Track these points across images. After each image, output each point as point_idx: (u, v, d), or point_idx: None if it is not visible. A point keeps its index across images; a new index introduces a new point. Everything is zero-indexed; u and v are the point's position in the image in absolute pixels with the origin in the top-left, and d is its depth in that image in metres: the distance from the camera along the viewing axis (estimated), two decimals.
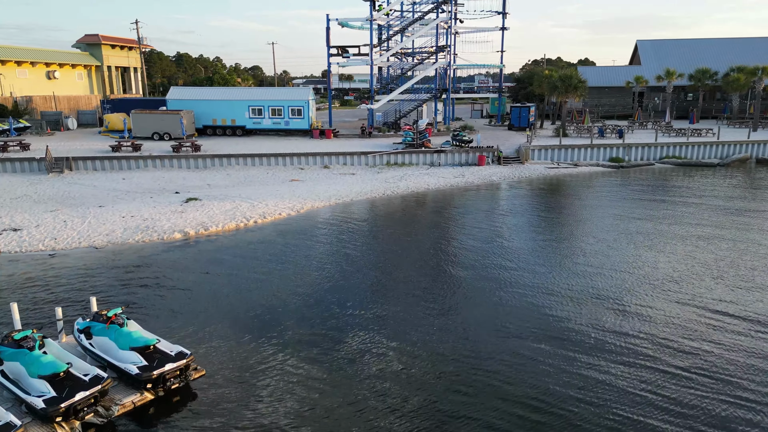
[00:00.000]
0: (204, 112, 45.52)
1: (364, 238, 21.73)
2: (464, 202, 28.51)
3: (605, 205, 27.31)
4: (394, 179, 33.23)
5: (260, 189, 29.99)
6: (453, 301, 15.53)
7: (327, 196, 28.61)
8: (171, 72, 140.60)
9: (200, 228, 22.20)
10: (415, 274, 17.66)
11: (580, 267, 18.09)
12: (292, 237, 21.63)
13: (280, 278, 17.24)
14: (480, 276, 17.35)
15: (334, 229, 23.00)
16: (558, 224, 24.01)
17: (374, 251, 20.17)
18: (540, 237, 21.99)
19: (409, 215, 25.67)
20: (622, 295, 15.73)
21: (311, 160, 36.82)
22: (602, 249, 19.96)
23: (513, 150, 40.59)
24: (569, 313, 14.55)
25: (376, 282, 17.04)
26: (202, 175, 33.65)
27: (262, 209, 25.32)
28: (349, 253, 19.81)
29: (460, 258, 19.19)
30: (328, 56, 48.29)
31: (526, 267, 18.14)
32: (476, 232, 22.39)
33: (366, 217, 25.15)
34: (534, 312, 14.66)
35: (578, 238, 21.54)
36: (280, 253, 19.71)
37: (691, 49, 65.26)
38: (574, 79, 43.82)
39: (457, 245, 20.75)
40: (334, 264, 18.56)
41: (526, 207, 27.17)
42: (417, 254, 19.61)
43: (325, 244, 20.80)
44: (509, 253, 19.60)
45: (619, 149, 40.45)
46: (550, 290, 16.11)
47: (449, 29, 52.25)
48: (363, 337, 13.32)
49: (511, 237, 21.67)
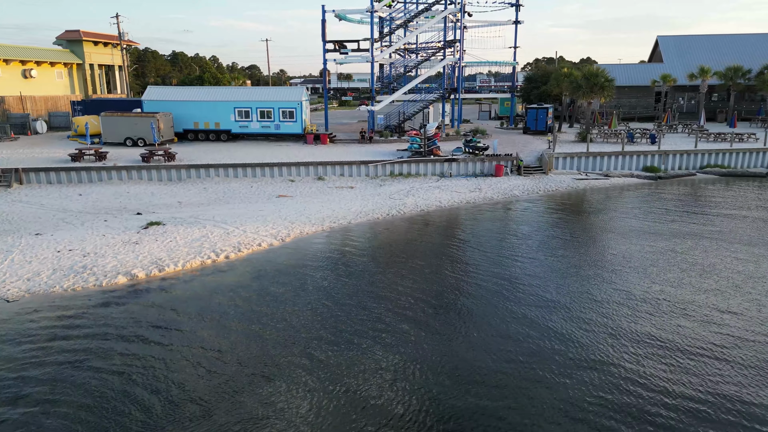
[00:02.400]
0: (184, 114, 40.52)
1: (366, 285, 16.74)
2: (485, 225, 23.54)
3: (658, 231, 22.35)
4: (400, 194, 28.26)
5: (240, 208, 25.01)
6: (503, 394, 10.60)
7: (320, 217, 23.65)
8: (166, 71, 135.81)
9: (153, 268, 17.20)
10: (441, 356, 12.71)
11: (648, 326, 13.16)
12: (271, 281, 16.64)
13: (249, 359, 12.27)
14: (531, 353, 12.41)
15: (328, 268, 18.01)
16: (608, 262, 19.03)
17: (382, 308, 15.19)
18: (588, 284, 17.01)
19: (421, 246, 20.68)
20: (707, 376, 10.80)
21: (303, 170, 31.85)
22: (670, 299, 15.03)
23: (534, 158, 35.65)
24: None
25: (391, 374, 12.09)
26: (175, 190, 28.66)
27: (238, 238, 20.34)
28: (346, 311, 14.85)
29: (497, 324, 14.25)
30: (323, 52, 43.30)
31: (582, 338, 13.20)
32: (508, 274, 17.42)
33: (367, 249, 20.15)
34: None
35: (637, 282, 16.59)
36: (252, 311, 14.73)
37: (716, 45, 60.39)
38: (600, 77, 38.89)
39: (488, 299, 15.78)
40: (327, 328, 13.61)
41: (561, 234, 22.20)
42: (437, 317, 14.65)
43: (315, 293, 15.83)
44: (556, 313, 14.66)
45: (654, 157, 35.53)
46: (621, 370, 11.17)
47: (457, 23, 47.26)
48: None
49: (553, 284, 16.69)
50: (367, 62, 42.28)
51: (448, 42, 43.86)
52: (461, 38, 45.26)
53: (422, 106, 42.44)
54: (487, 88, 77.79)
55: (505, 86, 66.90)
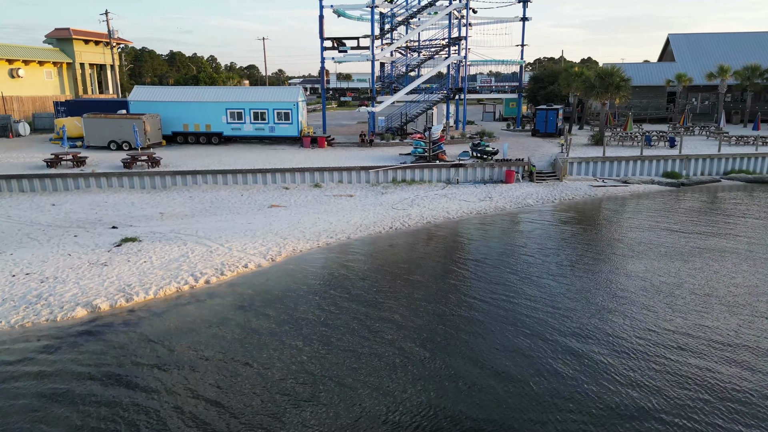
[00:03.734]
0: (173, 116, 38.10)
1: (367, 318, 14.34)
2: (499, 240, 21.14)
3: (692, 248, 19.95)
4: (404, 204, 25.87)
5: (227, 220, 22.61)
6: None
7: (316, 232, 21.24)
8: (163, 71, 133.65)
9: (120, 297, 14.78)
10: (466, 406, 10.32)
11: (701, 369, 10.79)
12: (256, 313, 14.23)
13: (226, 419, 9.87)
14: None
15: (323, 296, 15.61)
16: (642, 288, 16.62)
17: (387, 351, 12.79)
18: (626, 318, 14.61)
19: (430, 268, 18.27)
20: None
21: (299, 177, 29.44)
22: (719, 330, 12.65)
23: (546, 163, 33.26)
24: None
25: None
26: (158, 199, 26.25)
27: (222, 257, 17.93)
28: (344, 353, 12.45)
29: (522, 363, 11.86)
30: (321, 50, 40.91)
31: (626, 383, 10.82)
32: (528, 306, 15.03)
33: (369, 271, 17.74)
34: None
35: (679, 315, 14.20)
36: (232, 353, 12.32)
37: (730, 43, 58.08)
38: (615, 77, 36.50)
39: (509, 334, 13.39)
40: (319, 378, 11.21)
41: (586, 252, 19.79)
42: (454, 366, 12.26)
43: (307, 328, 13.42)
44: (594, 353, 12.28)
45: (675, 162, 33.16)
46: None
47: (462, 19, 44.90)
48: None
49: (586, 319, 14.31)
50: (367, 61, 39.91)
51: (453, 39, 41.46)
52: (466, 35, 42.86)
53: (426, 107, 40.05)
54: (490, 89, 75.37)
55: (507, 86, 64.61)
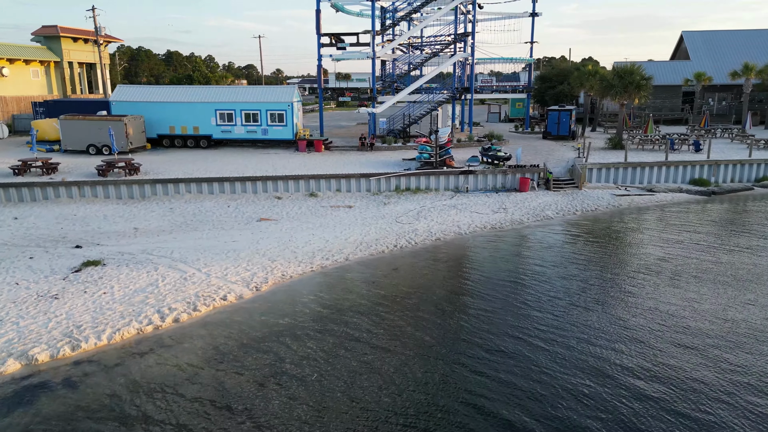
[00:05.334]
0: (159, 117, 35.34)
1: (371, 373, 11.60)
2: (520, 262, 18.39)
3: (740, 272, 17.22)
4: (409, 217, 23.13)
5: (209, 237, 19.86)
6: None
7: (309, 251, 18.50)
8: (160, 71, 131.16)
9: (65, 344, 12.01)
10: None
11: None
12: (232, 365, 11.47)
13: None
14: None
15: (316, 340, 12.85)
16: (703, 325, 13.89)
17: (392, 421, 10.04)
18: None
19: (442, 301, 15.53)
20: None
21: (292, 185, 26.69)
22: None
23: (563, 169, 30.54)
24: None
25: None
26: (134, 211, 23.49)
27: (197, 287, 15.18)
28: (342, 421, 9.70)
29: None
30: (318, 47, 38.13)
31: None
32: (563, 353, 12.30)
33: (371, 305, 14.99)
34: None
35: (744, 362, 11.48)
36: (197, 426, 9.58)
37: (747, 41, 55.40)
38: (636, 75, 33.78)
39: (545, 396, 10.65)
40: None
41: (621, 276, 17.05)
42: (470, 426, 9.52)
43: (297, 388, 10.67)
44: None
45: (703, 168, 30.44)
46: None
47: (468, 14, 42.16)
48: None
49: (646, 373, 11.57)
50: (367, 59, 37.12)
51: (459, 35, 38.72)
52: (473, 31, 40.12)
53: (430, 108, 37.29)
54: (491, 89, 72.45)
55: (509, 86, 61.84)
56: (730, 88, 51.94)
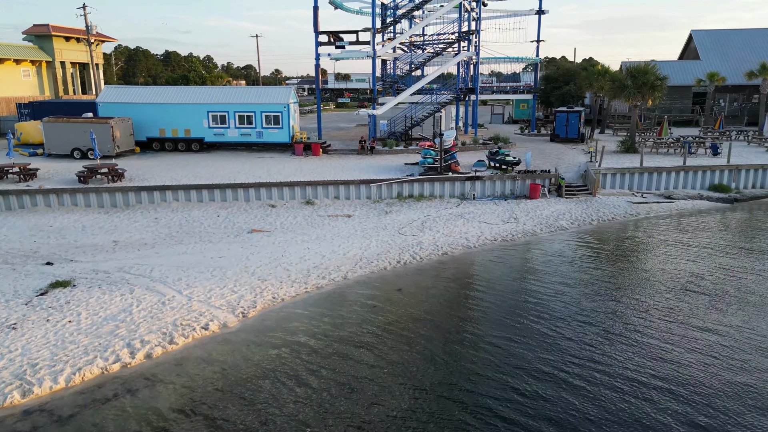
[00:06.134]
0: (148, 119, 33.57)
1: (374, 423, 9.86)
2: (537, 281, 16.64)
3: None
4: (412, 227, 21.39)
5: (194, 252, 18.11)
6: None
7: (304, 269, 16.75)
8: (157, 71, 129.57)
9: (15, 387, 10.24)
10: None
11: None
12: (210, 418, 9.73)
13: None
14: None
15: (307, 381, 11.11)
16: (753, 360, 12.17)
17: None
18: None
19: (453, 329, 13.80)
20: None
21: (287, 192, 24.95)
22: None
23: (575, 174, 28.80)
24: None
25: None
26: (115, 222, 21.74)
27: (177, 313, 13.43)
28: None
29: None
30: (316, 45, 36.40)
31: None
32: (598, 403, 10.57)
33: (372, 333, 13.24)
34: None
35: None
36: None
37: (758, 40, 53.70)
38: (650, 75, 32.05)
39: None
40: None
41: (650, 298, 15.32)
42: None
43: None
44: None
45: (723, 173, 28.72)
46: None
47: (472, 12, 40.44)
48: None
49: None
50: (367, 58, 35.39)
51: (464, 34, 36.98)
52: (478, 29, 38.41)
53: (433, 110, 35.56)
54: (493, 89, 70.64)
55: (513, 86, 60.05)
56: (742, 89, 50.25)
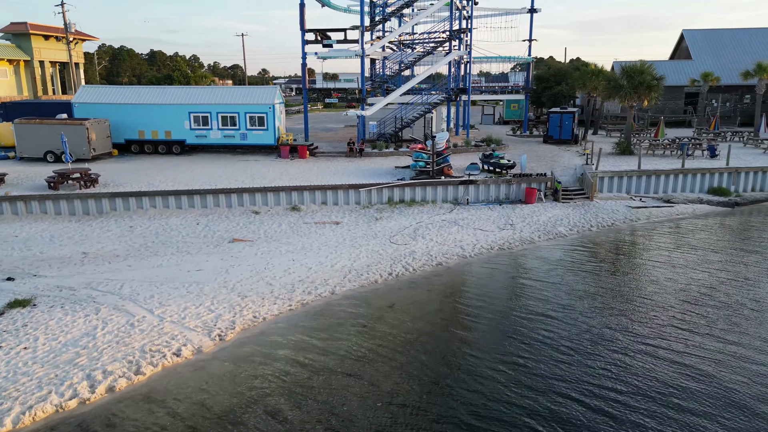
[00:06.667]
0: (126, 120, 32.10)
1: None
2: (540, 293, 15.56)
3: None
4: (404, 235, 20.24)
5: (170, 265, 16.80)
6: None
7: (288, 283, 15.53)
8: (142, 70, 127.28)
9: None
10: None
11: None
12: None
13: None
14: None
15: (291, 416, 9.91)
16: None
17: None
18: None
19: (452, 352, 12.66)
20: None
21: (272, 198, 23.67)
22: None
23: (571, 177, 27.84)
24: None
25: None
26: (86, 231, 20.34)
27: (146, 336, 12.15)
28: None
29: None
30: (302, 44, 35.13)
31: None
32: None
33: (363, 357, 12.06)
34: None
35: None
36: None
37: (750, 40, 53.32)
38: (646, 75, 31.21)
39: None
40: None
41: (663, 315, 14.31)
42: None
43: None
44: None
45: (722, 176, 27.93)
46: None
47: (463, 10, 39.41)
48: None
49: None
50: (356, 56, 34.20)
51: (455, 32, 35.93)
52: (470, 27, 37.39)
53: (424, 111, 34.45)
54: (482, 89, 69.69)
55: (502, 86, 59.10)
56: (735, 89, 49.80)
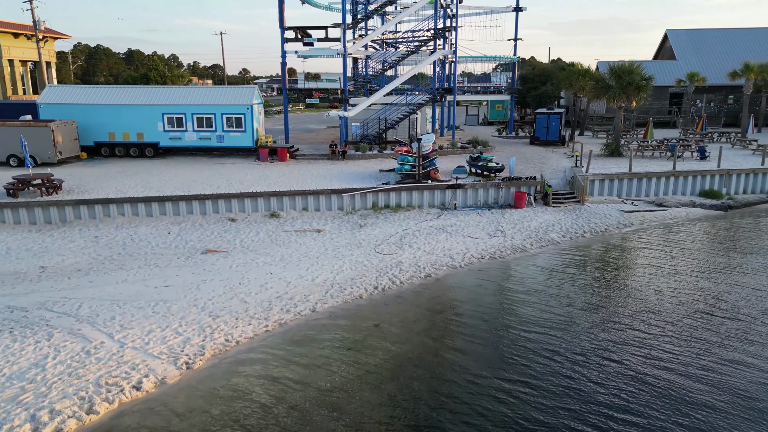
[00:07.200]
0: (96, 122, 30.45)
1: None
2: (537, 307, 14.53)
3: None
4: (390, 244, 19.11)
5: (136, 280, 15.43)
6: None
7: (265, 299, 14.29)
8: (119, 70, 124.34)
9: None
10: None
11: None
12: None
13: None
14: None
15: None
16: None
17: None
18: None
19: (447, 382, 11.54)
20: None
21: (249, 204, 22.36)
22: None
23: (560, 180, 26.98)
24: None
25: None
26: (47, 242, 18.83)
27: (103, 366, 10.83)
28: None
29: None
30: (282, 42, 33.79)
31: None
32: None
33: (345, 391, 10.90)
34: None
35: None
36: None
37: (734, 40, 53.27)
38: (635, 75, 30.51)
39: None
40: None
41: (678, 323, 13.39)
42: None
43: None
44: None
45: (714, 178, 27.33)
46: None
47: (448, 8, 38.43)
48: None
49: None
50: (337, 55, 32.95)
51: (440, 30, 34.90)
52: (455, 26, 36.40)
53: (409, 111, 33.35)
54: (464, 89, 68.89)
55: (484, 86, 58.38)
56: (719, 89, 49.67)
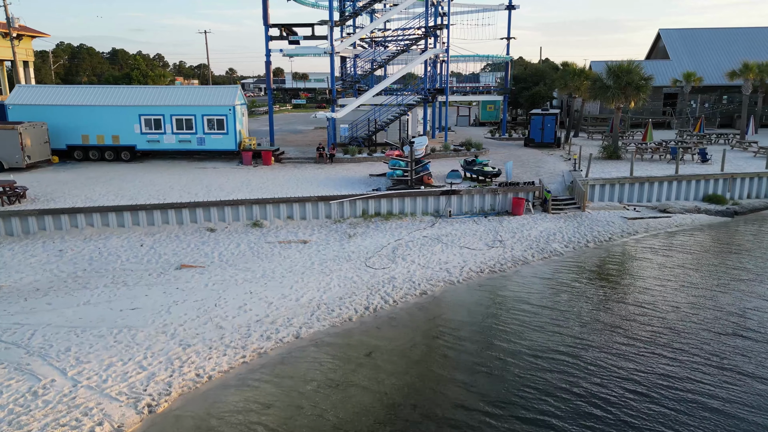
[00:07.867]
0: (68, 124, 28.70)
1: None
2: (541, 329, 13.21)
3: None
4: (382, 257, 17.69)
5: (100, 301, 13.85)
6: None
7: (243, 324, 12.80)
8: (103, 69, 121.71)
9: None
10: None
11: None
12: None
13: None
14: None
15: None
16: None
17: None
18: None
19: (449, 426, 10.19)
20: None
21: (230, 212, 20.82)
22: None
23: (559, 185, 25.75)
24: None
25: None
26: (5, 257, 17.15)
27: (49, 413, 9.28)
28: None
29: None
30: (266, 40, 32.20)
31: None
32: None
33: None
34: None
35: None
36: None
37: (728, 39, 52.59)
38: (635, 75, 29.39)
39: None
40: None
41: (707, 350, 12.13)
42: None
43: None
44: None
45: (718, 182, 26.26)
46: None
47: (439, 5, 37.12)
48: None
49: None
50: (324, 54, 31.47)
51: (432, 29, 33.54)
52: (447, 24, 35.07)
53: (400, 113, 31.96)
54: (453, 89, 67.60)
55: (473, 87, 57.04)
56: (713, 90, 48.95)
